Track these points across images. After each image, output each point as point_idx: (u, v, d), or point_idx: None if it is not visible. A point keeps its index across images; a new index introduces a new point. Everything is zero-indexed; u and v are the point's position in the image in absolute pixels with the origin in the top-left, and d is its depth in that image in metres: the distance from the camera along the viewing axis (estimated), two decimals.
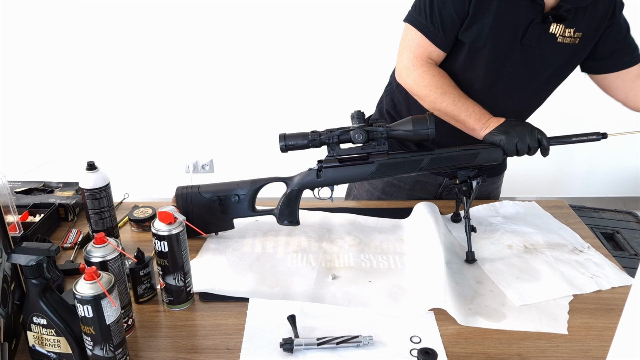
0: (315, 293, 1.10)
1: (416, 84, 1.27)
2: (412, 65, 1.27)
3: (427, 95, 1.26)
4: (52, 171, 1.74)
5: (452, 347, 0.96)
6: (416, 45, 1.27)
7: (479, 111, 1.22)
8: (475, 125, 1.22)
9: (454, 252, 1.23)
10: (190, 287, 1.06)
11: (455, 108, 1.23)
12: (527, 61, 1.26)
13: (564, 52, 1.27)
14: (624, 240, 1.73)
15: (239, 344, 0.96)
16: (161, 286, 1.05)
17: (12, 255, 0.86)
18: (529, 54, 1.25)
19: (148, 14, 2.73)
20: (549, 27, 1.22)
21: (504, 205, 1.44)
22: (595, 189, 3.16)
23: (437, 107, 1.25)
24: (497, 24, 1.21)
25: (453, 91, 1.24)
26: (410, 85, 1.28)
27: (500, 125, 1.19)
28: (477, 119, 1.22)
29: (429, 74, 1.25)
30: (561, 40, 1.24)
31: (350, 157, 1.22)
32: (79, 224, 1.36)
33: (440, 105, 1.24)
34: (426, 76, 1.25)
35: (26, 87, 2.89)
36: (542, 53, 1.25)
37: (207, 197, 1.25)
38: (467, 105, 1.23)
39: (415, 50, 1.27)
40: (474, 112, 1.22)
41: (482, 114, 1.22)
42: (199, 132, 2.98)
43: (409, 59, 1.28)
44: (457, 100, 1.23)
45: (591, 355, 0.94)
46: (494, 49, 1.24)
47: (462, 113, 1.22)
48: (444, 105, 1.24)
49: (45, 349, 0.91)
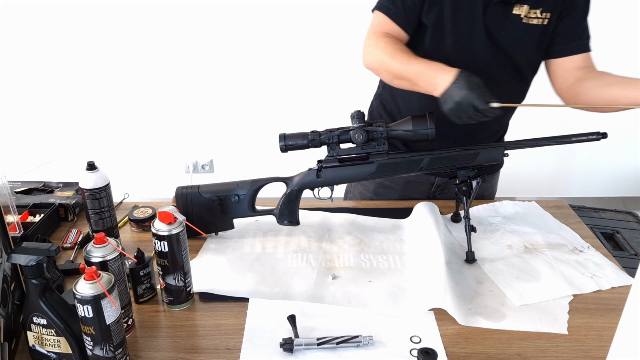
0: (315, 293, 1.10)
1: (371, 57, 1.25)
2: (369, 41, 1.27)
3: (380, 65, 1.23)
4: (52, 171, 1.74)
5: (452, 347, 0.96)
6: (377, 24, 1.28)
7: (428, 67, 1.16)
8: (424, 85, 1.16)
9: (454, 252, 1.23)
10: (190, 287, 1.06)
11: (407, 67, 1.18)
12: (494, 42, 1.25)
13: (534, 33, 1.25)
14: (624, 240, 1.73)
15: (239, 344, 0.96)
16: (161, 286, 1.05)
17: (12, 255, 0.86)
18: (494, 35, 1.24)
19: (148, 14, 2.73)
20: (512, 8, 1.21)
21: (504, 205, 1.44)
22: (595, 189, 3.16)
23: (390, 72, 1.22)
24: (455, 5, 1.21)
25: (402, 54, 1.20)
26: (369, 61, 1.26)
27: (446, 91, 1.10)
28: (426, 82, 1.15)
29: (382, 41, 1.23)
30: (527, 21, 1.22)
31: (350, 157, 1.22)
32: (79, 224, 1.36)
33: (391, 69, 1.21)
34: (379, 44, 1.23)
35: (26, 87, 2.89)
36: (508, 34, 1.24)
37: (207, 197, 1.25)
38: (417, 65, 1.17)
39: (374, 28, 1.28)
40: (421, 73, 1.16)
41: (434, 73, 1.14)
42: (199, 132, 2.98)
43: (368, 38, 1.27)
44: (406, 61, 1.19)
45: (591, 355, 0.94)
46: (455, 30, 1.24)
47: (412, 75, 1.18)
48: (396, 68, 1.20)
49: (45, 349, 0.91)
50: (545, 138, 1.21)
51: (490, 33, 1.24)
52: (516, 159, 1.33)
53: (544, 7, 1.22)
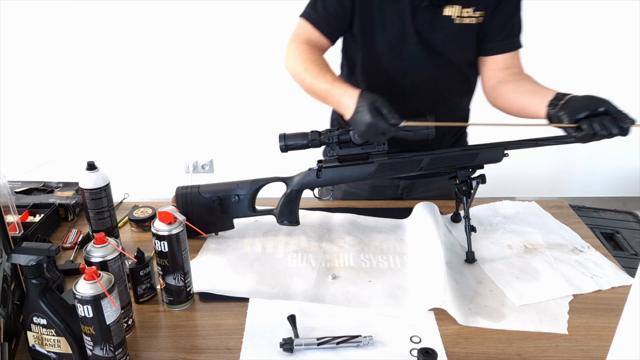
0: (315, 293, 1.10)
1: (289, 63, 1.24)
2: (289, 46, 1.26)
3: (296, 74, 1.23)
4: (52, 171, 1.74)
5: (452, 347, 0.96)
6: (299, 30, 1.28)
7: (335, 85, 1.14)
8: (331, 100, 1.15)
9: (454, 252, 1.23)
10: (190, 287, 1.06)
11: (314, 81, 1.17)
12: (427, 45, 1.24)
13: (468, 32, 1.23)
14: (624, 240, 1.73)
15: (239, 344, 0.96)
16: (161, 286, 1.05)
17: (12, 255, 0.86)
18: (426, 38, 1.23)
19: (148, 14, 2.73)
20: (443, 10, 1.20)
21: (504, 205, 1.44)
22: (595, 189, 3.16)
23: (302, 84, 1.21)
24: (382, 12, 1.20)
25: (314, 67, 1.18)
26: (287, 67, 1.25)
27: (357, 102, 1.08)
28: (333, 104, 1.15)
29: (300, 49, 1.23)
30: (459, 21, 1.21)
31: (350, 157, 1.22)
32: (79, 224, 1.36)
33: (303, 81, 1.20)
34: (297, 52, 1.23)
35: (26, 87, 2.89)
36: (440, 36, 1.22)
37: (207, 197, 1.25)
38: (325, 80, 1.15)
39: (296, 34, 1.28)
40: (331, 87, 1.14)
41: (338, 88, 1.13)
42: (199, 132, 2.98)
43: (289, 43, 1.27)
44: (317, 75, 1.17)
45: (591, 355, 0.94)
46: (386, 37, 1.23)
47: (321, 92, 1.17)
48: (306, 80, 1.19)
49: (45, 349, 0.91)
50: (546, 138, 1.21)
51: (422, 36, 1.23)
52: (516, 159, 1.33)
53: (477, 5, 1.20)
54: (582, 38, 2.73)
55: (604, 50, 2.77)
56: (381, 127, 1.04)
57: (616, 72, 2.81)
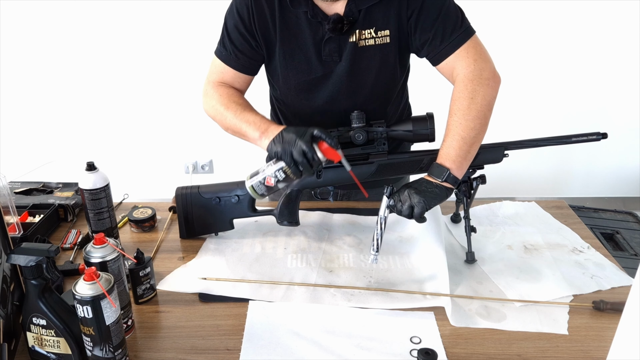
0: (315, 293, 1.10)
1: (207, 106, 1.26)
2: (205, 91, 1.28)
3: (216, 114, 1.24)
4: (51, 172, 1.74)
5: (452, 347, 0.96)
6: (212, 70, 1.28)
7: (259, 121, 1.17)
8: (253, 135, 1.16)
9: (454, 253, 1.23)
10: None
11: (236, 121, 1.19)
12: (339, 74, 1.21)
13: (375, 53, 1.19)
14: (624, 241, 1.73)
15: (239, 345, 0.96)
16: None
17: (12, 255, 0.86)
18: (336, 68, 1.21)
19: (148, 14, 2.73)
20: (348, 37, 1.17)
21: (504, 206, 1.44)
22: (595, 189, 3.16)
23: (224, 123, 1.23)
24: (286, 51, 1.19)
25: (236, 106, 1.21)
26: (205, 109, 1.27)
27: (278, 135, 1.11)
28: (255, 128, 1.16)
29: (217, 92, 1.25)
30: (363, 44, 1.18)
31: (350, 157, 1.21)
32: (79, 224, 1.36)
33: (225, 120, 1.22)
34: (215, 95, 1.25)
35: (26, 88, 2.89)
36: (350, 64, 1.20)
37: (207, 197, 1.25)
38: (248, 117, 1.18)
39: (209, 77, 1.29)
40: (254, 122, 1.17)
41: (261, 123, 1.17)
42: (198, 133, 2.98)
43: (204, 86, 1.28)
44: (240, 113, 1.19)
45: (591, 356, 0.94)
46: (296, 74, 1.22)
47: (243, 125, 1.18)
48: (228, 119, 1.21)
49: (45, 350, 0.91)
50: (545, 138, 1.21)
51: (331, 67, 1.21)
52: (516, 159, 1.33)
53: (377, 25, 1.16)
54: (582, 38, 2.73)
55: (603, 50, 2.77)
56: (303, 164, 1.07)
57: (616, 72, 2.82)
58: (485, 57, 1.16)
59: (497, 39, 2.75)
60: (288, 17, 1.15)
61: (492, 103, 1.14)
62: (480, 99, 1.12)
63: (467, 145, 1.10)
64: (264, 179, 1.14)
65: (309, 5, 1.13)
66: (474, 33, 1.17)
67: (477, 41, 1.18)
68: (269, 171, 1.13)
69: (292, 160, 1.08)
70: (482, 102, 1.12)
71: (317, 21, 1.14)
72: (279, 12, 1.14)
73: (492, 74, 1.15)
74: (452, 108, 1.12)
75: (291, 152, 1.07)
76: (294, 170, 1.09)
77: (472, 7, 2.54)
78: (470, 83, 1.12)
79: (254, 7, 1.14)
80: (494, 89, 1.15)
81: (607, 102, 2.89)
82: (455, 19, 1.15)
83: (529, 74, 2.81)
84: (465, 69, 1.14)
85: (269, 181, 1.12)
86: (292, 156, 1.07)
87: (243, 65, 1.24)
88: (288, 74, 1.22)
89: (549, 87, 2.86)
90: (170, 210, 1.40)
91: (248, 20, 1.17)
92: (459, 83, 1.14)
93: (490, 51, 1.19)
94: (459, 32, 1.15)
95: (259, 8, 1.14)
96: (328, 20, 1.13)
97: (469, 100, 1.11)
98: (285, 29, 1.16)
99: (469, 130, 1.10)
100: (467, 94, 1.11)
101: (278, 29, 1.16)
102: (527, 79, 2.82)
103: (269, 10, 1.14)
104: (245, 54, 1.21)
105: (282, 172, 1.11)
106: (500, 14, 2.67)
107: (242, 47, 1.20)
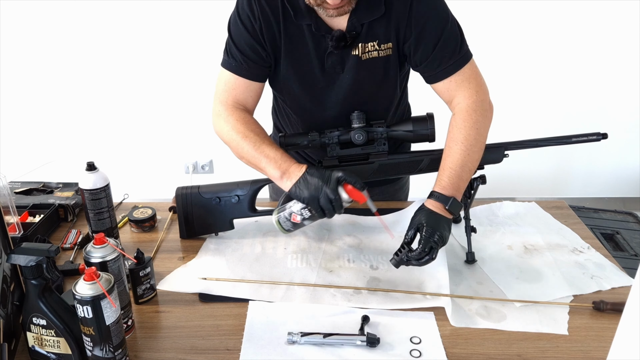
0: (315, 293, 1.10)
1: (219, 128, 1.22)
2: (217, 111, 1.23)
3: (230, 142, 1.20)
4: (51, 172, 1.74)
5: (452, 347, 0.96)
6: (221, 88, 1.22)
7: (279, 158, 1.13)
8: (273, 173, 1.13)
9: (454, 253, 1.23)
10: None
11: (255, 154, 1.15)
12: (341, 86, 1.21)
13: (378, 65, 1.18)
14: (624, 241, 1.73)
15: (239, 345, 0.96)
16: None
17: (12, 255, 0.86)
18: (338, 80, 1.20)
19: (148, 14, 2.73)
20: (350, 51, 1.16)
21: (504, 206, 1.44)
22: (595, 190, 3.16)
23: (239, 153, 1.18)
24: (290, 62, 1.18)
25: (254, 137, 1.16)
26: (217, 131, 1.23)
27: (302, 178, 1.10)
28: (276, 167, 1.13)
29: (233, 117, 1.19)
30: (367, 57, 1.16)
31: (351, 157, 1.22)
32: (79, 224, 1.36)
33: (242, 150, 1.17)
34: (230, 120, 1.19)
35: (26, 88, 2.89)
36: (352, 76, 1.19)
37: (207, 197, 1.25)
38: (268, 152, 1.14)
39: (220, 95, 1.22)
40: (274, 159, 1.13)
41: (282, 162, 1.13)
42: (198, 133, 2.98)
43: (215, 104, 1.23)
44: (258, 146, 1.15)
45: (591, 356, 0.94)
46: (299, 84, 1.22)
47: (262, 160, 1.14)
48: (245, 150, 1.16)
49: (45, 350, 0.91)
50: (546, 138, 1.21)
51: (334, 79, 1.20)
52: (516, 159, 1.33)
53: (379, 39, 1.16)
54: (582, 38, 2.73)
55: (603, 50, 2.77)
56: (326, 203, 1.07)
57: (616, 72, 2.82)
58: (484, 89, 1.18)
59: (497, 39, 2.76)
60: (292, 29, 1.15)
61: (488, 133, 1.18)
62: (483, 131, 1.15)
63: (470, 175, 1.14)
64: (290, 214, 1.13)
65: (312, 18, 1.13)
66: (472, 57, 1.17)
67: (475, 69, 1.18)
68: (295, 208, 1.13)
69: (319, 207, 1.09)
70: (484, 133, 1.15)
71: (320, 34, 1.15)
72: (283, 23, 1.14)
73: (490, 106, 1.19)
74: (457, 136, 1.13)
75: (318, 199, 1.08)
76: (320, 214, 1.10)
77: (472, 7, 2.55)
78: (474, 114, 1.14)
79: (261, 17, 1.14)
80: (490, 120, 1.18)
81: (607, 102, 2.89)
82: (454, 43, 1.15)
83: (530, 74, 2.81)
84: (467, 99, 1.15)
85: (295, 218, 1.13)
86: (319, 203, 1.08)
87: (255, 73, 1.21)
88: (291, 84, 1.22)
89: (549, 87, 2.86)
90: (171, 210, 1.40)
91: (252, 29, 1.16)
92: (462, 112, 1.15)
93: (491, 51, 1.19)
94: (457, 56, 1.15)
95: (265, 18, 1.14)
96: (331, 37, 1.14)
97: (475, 130, 1.13)
98: (289, 40, 1.16)
99: (475, 162, 1.14)
100: (472, 124, 1.13)
101: (283, 40, 1.16)
102: (527, 79, 2.82)
103: (275, 21, 1.14)
104: (255, 62, 1.19)
105: (307, 211, 1.11)
106: (501, 14, 2.67)
107: (251, 55, 1.18)
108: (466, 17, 1.34)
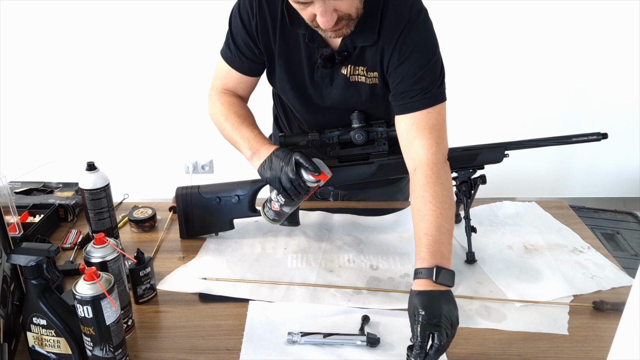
0: (315, 293, 1.10)
1: (210, 112, 1.26)
2: (209, 96, 1.27)
3: (216, 123, 1.24)
4: (52, 172, 1.74)
5: (452, 347, 0.95)
6: (217, 75, 1.27)
7: (253, 138, 1.16)
8: (246, 153, 1.16)
9: (454, 253, 1.23)
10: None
11: (233, 134, 1.19)
12: (331, 98, 1.20)
13: (364, 90, 1.16)
14: (624, 241, 1.73)
15: (239, 345, 0.96)
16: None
17: (12, 255, 0.86)
18: (326, 91, 1.20)
19: (148, 14, 2.73)
20: (341, 68, 1.16)
21: (504, 206, 1.44)
22: (595, 190, 3.16)
23: (223, 133, 1.23)
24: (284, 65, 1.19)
25: (235, 117, 1.20)
26: (210, 115, 1.27)
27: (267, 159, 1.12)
28: (249, 146, 1.16)
29: (220, 100, 1.24)
30: (354, 79, 1.15)
31: (351, 157, 1.22)
32: (79, 224, 1.36)
33: (224, 130, 1.22)
34: (217, 103, 1.24)
35: (26, 88, 2.89)
36: (340, 92, 1.18)
37: (207, 197, 1.25)
38: (244, 132, 1.17)
39: (214, 82, 1.27)
40: (248, 139, 1.16)
41: (255, 142, 1.16)
42: (198, 133, 2.98)
43: (209, 91, 1.28)
44: (237, 126, 1.19)
45: (591, 356, 0.94)
46: (292, 87, 1.22)
47: (239, 140, 1.18)
48: (226, 130, 1.21)
49: (45, 350, 0.91)
50: (546, 138, 1.21)
51: (320, 90, 1.20)
52: (516, 159, 1.33)
53: (367, 66, 1.13)
54: (582, 38, 2.73)
55: (603, 50, 2.77)
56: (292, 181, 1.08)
57: (616, 72, 2.82)
58: (445, 144, 1.09)
59: (497, 39, 2.76)
60: (289, 33, 1.15)
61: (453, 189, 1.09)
62: (448, 185, 1.06)
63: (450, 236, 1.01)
64: (270, 203, 1.15)
65: (308, 28, 1.12)
66: (445, 101, 1.10)
67: (443, 118, 1.10)
68: (273, 195, 1.14)
69: (281, 187, 1.10)
70: (450, 188, 1.06)
71: (314, 46, 1.14)
72: (280, 27, 1.14)
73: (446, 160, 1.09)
74: (423, 195, 1.02)
75: (279, 179, 1.09)
76: (285, 195, 1.11)
77: (473, 7, 2.55)
78: (434, 167, 1.05)
79: (258, 16, 1.14)
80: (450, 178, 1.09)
81: (607, 102, 2.89)
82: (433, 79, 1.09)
83: (529, 74, 2.81)
84: (427, 150, 1.06)
85: (274, 206, 1.14)
86: (280, 183, 1.09)
87: (247, 67, 1.23)
88: (284, 85, 1.23)
89: (549, 87, 2.86)
90: (171, 210, 1.40)
91: (249, 25, 1.16)
92: (423, 167, 1.05)
93: (491, 51, 1.19)
94: (431, 93, 1.08)
95: (262, 18, 1.14)
96: (320, 55, 1.14)
97: (440, 186, 1.03)
98: (285, 43, 1.16)
99: (450, 220, 1.02)
100: (436, 179, 1.04)
101: (278, 42, 1.16)
102: (527, 79, 2.82)
103: (272, 22, 1.14)
104: (249, 58, 1.21)
105: (281, 196, 1.12)
106: (501, 14, 2.67)
107: (246, 51, 1.20)
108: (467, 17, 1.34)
